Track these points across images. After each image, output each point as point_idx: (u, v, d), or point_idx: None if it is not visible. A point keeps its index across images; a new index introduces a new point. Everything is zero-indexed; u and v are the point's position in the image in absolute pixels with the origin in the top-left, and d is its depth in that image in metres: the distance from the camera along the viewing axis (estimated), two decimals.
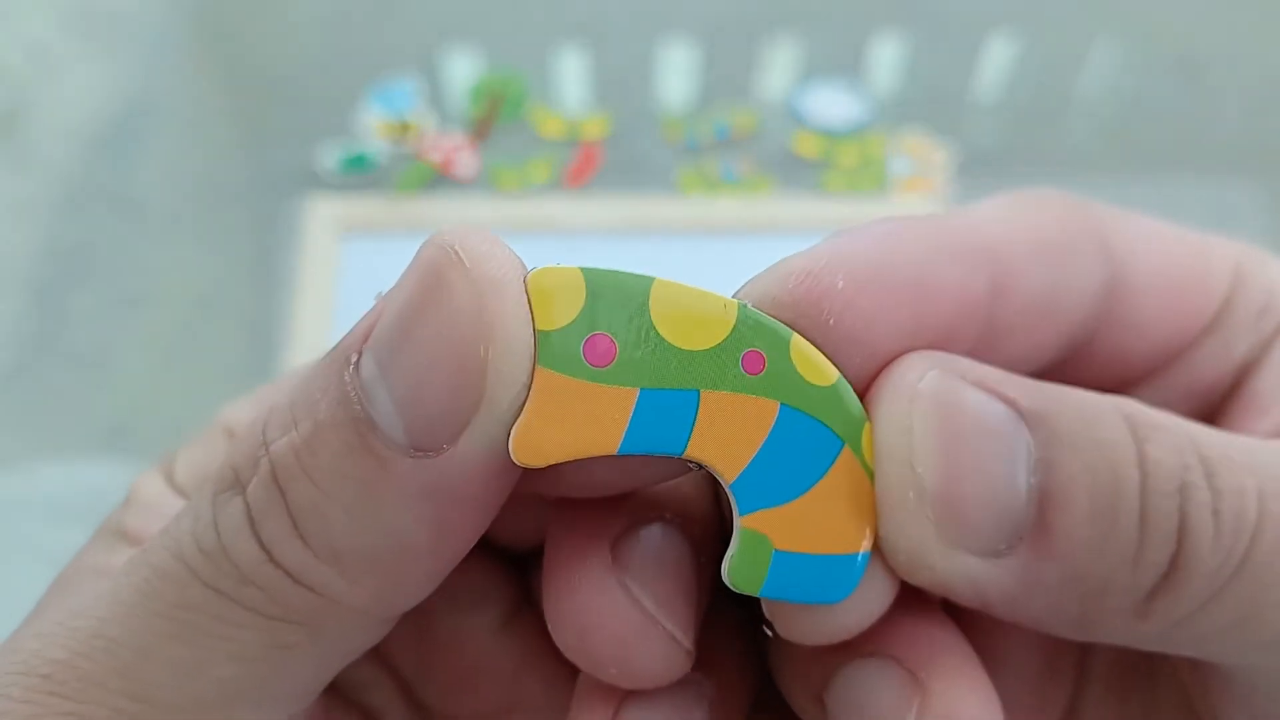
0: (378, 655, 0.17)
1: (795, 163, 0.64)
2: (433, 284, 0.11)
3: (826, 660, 0.14)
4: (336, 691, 0.17)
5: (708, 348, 0.11)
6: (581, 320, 0.11)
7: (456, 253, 0.11)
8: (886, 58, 0.71)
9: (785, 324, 0.12)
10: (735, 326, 0.12)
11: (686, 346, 0.11)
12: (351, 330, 0.12)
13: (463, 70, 0.69)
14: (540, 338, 0.11)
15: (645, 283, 0.11)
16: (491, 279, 0.11)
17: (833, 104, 0.67)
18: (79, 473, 0.48)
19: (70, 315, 0.56)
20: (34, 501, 0.46)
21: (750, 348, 0.12)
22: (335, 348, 0.12)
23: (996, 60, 0.71)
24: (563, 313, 0.11)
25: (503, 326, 0.11)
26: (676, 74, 0.70)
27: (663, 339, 0.11)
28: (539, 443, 0.11)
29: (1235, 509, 0.12)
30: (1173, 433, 0.12)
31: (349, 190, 0.61)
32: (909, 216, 0.13)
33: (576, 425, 0.11)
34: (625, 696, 0.14)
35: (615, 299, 0.11)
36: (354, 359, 0.12)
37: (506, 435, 0.11)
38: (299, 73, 0.70)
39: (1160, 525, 0.12)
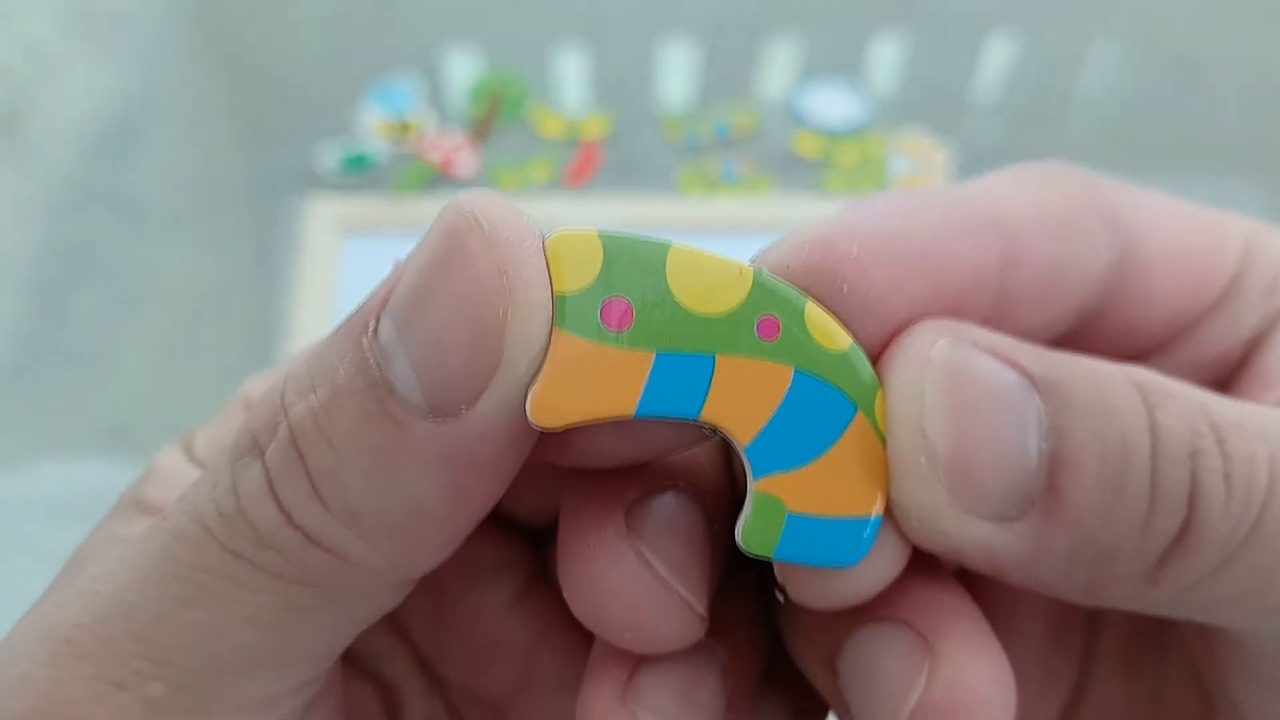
0: (395, 628, 0.17)
1: (795, 163, 0.64)
2: (452, 248, 0.11)
3: (838, 625, 0.14)
4: (354, 662, 0.17)
5: (723, 313, 0.12)
6: (599, 284, 0.11)
7: (475, 217, 0.11)
8: (886, 58, 0.71)
9: (800, 291, 0.12)
10: (750, 292, 0.12)
11: (702, 311, 0.12)
12: (370, 296, 0.12)
13: (463, 70, 0.69)
14: (557, 301, 0.11)
15: (662, 248, 0.12)
16: (510, 242, 0.11)
17: (833, 104, 0.67)
18: (79, 473, 0.48)
19: (70, 315, 0.56)
20: (34, 501, 0.46)
21: (765, 313, 0.12)
22: (354, 313, 0.12)
23: (996, 60, 0.71)
24: (580, 277, 0.11)
25: (522, 289, 0.11)
26: (676, 74, 0.70)
27: (679, 304, 0.11)
28: (556, 405, 0.11)
29: (1246, 475, 0.12)
30: (1184, 400, 0.12)
31: (349, 190, 0.61)
32: (922, 189, 0.13)
33: (593, 388, 0.11)
34: (639, 662, 0.14)
35: (632, 263, 0.11)
36: (372, 324, 0.12)
37: (524, 398, 0.11)
38: (299, 73, 0.70)
39: (1170, 492, 0.12)
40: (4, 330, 0.55)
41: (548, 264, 0.12)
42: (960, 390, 0.12)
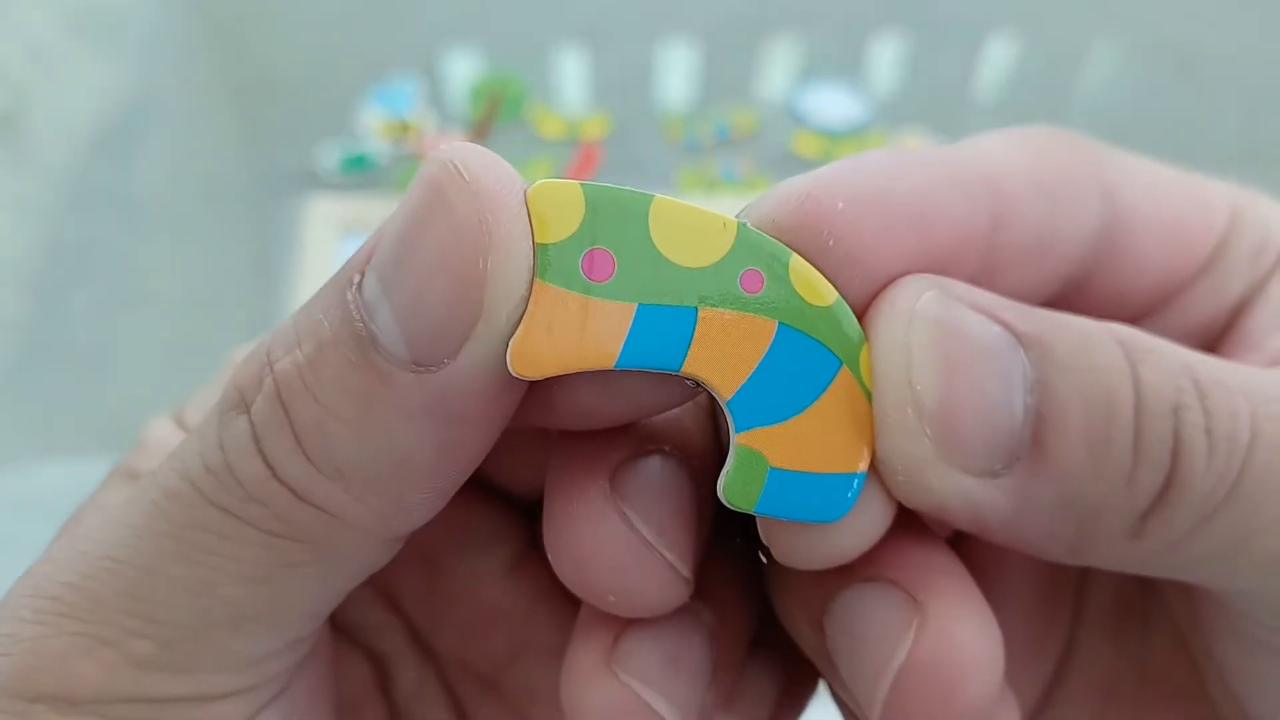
0: (388, 601, 0.17)
1: (795, 163, 0.64)
2: (432, 199, 0.11)
3: (824, 586, 0.14)
4: (346, 634, 0.17)
5: (706, 265, 0.11)
6: (581, 235, 0.11)
7: (456, 167, 0.11)
8: (886, 58, 0.71)
9: (785, 245, 0.12)
10: (734, 245, 0.12)
11: (685, 264, 0.11)
12: (355, 252, 0.12)
13: (463, 70, 0.69)
14: (539, 251, 0.11)
15: (645, 199, 0.12)
16: (490, 192, 0.11)
17: (833, 104, 0.67)
18: (79, 473, 0.48)
19: (70, 315, 0.56)
20: (34, 501, 0.46)
21: (749, 267, 0.12)
22: (339, 270, 0.12)
23: (996, 60, 0.71)
24: (562, 227, 0.11)
25: (502, 238, 0.11)
26: (676, 74, 0.70)
27: (661, 255, 0.11)
28: (536, 355, 0.11)
29: (1228, 431, 0.12)
30: (1166, 356, 0.12)
31: (349, 190, 0.61)
32: (912, 147, 0.13)
33: (574, 338, 0.11)
34: (625, 626, 0.14)
35: (615, 214, 0.11)
36: (356, 278, 0.12)
37: (505, 348, 0.11)
38: (299, 73, 0.70)
39: (1154, 446, 0.12)
40: (4, 330, 0.55)
41: (530, 214, 0.11)
42: (948, 343, 0.12)
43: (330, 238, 0.58)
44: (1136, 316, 0.15)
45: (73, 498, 0.16)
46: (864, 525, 0.12)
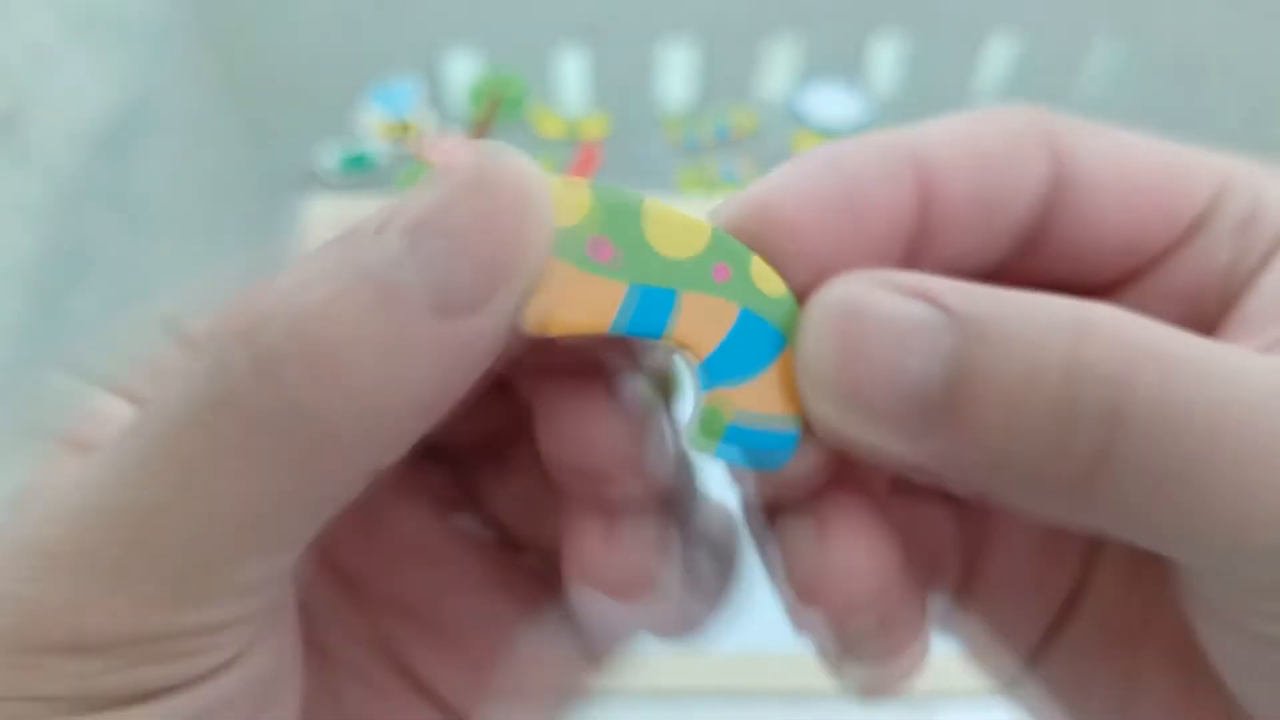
0: (318, 548, 0.18)
1: None
2: (479, 176, 0.13)
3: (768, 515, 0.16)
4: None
5: (686, 257, 0.14)
6: (587, 223, 0.14)
7: (499, 155, 0.13)
8: (886, 58, 0.71)
9: (746, 243, 0.15)
10: (709, 243, 0.14)
11: (670, 255, 0.14)
12: (393, 206, 0.13)
13: (463, 70, 0.69)
14: (555, 233, 0.14)
15: (639, 200, 0.14)
16: (528, 175, 0.13)
17: (833, 104, 0.67)
18: None
19: (70, 315, 0.56)
20: None
21: (719, 261, 0.14)
22: (367, 219, 0.13)
23: (996, 60, 0.71)
24: (572, 216, 0.14)
25: (535, 215, 0.13)
26: (676, 74, 0.70)
27: (651, 247, 0.14)
28: (547, 318, 0.14)
29: (1183, 410, 0.12)
30: (1118, 330, 0.12)
31: (349, 190, 0.61)
32: (856, 139, 0.15)
33: (578, 307, 0.14)
34: (614, 515, 0.16)
35: (615, 210, 0.14)
36: (390, 228, 0.13)
37: (519, 310, 0.14)
38: (299, 73, 0.70)
39: (1084, 415, 0.12)
40: (3, 330, 0.55)
41: None
42: (847, 323, 0.13)
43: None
44: (1110, 283, 0.16)
45: None
46: (801, 466, 0.15)
